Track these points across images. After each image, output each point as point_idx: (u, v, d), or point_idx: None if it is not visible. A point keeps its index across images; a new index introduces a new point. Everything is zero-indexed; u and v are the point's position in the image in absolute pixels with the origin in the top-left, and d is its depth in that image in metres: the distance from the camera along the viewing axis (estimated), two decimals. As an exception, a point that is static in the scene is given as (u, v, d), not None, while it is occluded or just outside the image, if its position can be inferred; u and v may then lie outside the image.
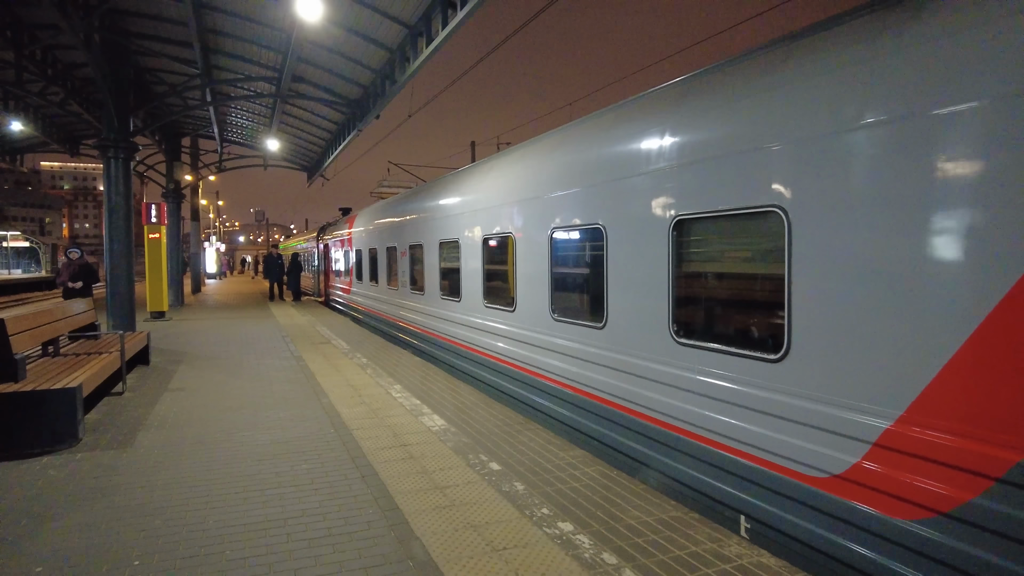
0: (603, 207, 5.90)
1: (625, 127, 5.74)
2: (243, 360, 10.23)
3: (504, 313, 8.06)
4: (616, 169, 5.69)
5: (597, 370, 5.95)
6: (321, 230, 25.77)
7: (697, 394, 4.72)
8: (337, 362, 10.03)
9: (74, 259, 11.79)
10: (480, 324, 8.86)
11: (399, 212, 13.53)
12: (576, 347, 6.33)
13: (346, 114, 15.61)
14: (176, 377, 8.78)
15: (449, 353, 10.13)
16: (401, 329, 13.30)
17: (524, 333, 7.48)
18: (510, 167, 8.13)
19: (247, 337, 13.17)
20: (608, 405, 5.73)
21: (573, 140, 6.69)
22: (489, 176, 8.85)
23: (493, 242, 8.62)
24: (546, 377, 6.88)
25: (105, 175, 11.74)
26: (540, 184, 7.10)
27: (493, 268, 8.80)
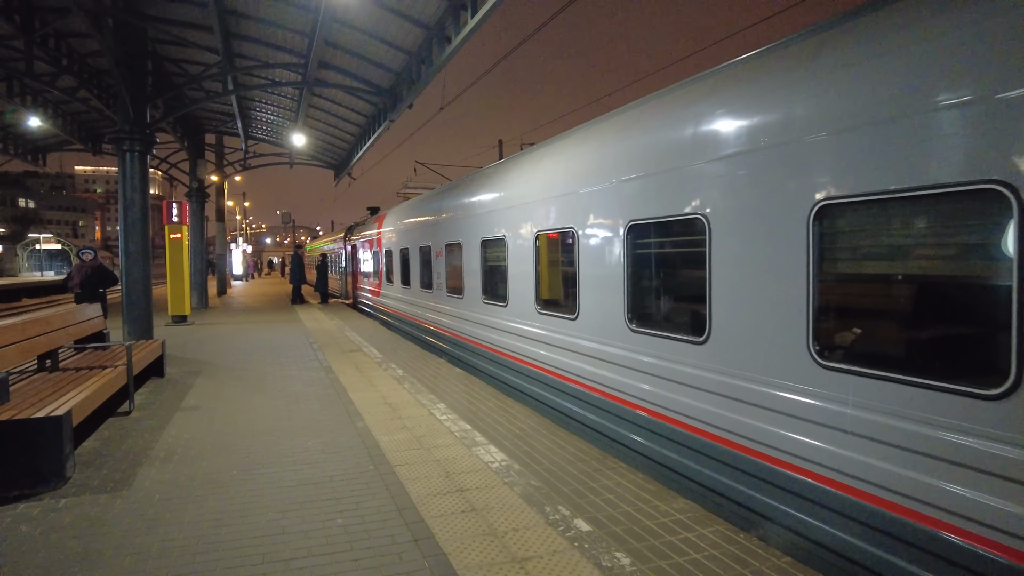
0: (705, 193, 4.73)
1: (735, 91, 4.57)
2: (267, 371, 9.26)
3: (563, 321, 6.92)
4: (723, 145, 4.51)
5: (697, 396, 4.76)
6: (348, 230, 24.91)
7: (851, 434, 3.53)
8: (370, 374, 8.99)
9: (87, 260, 10.96)
10: (532, 333, 7.73)
11: (433, 210, 12.48)
12: (665, 366, 5.15)
13: (376, 105, 14.62)
14: (192, 392, 7.81)
15: (494, 365, 9.02)
16: (436, 335, 12.24)
17: (591, 346, 6.32)
18: (571, 152, 6.99)
19: (272, 343, 12.23)
20: (718, 442, 4.53)
21: (657, 114, 5.53)
22: (541, 165, 7.72)
23: (548, 239, 7.49)
24: (624, 401, 5.71)
25: (120, 170, 10.88)
26: (612, 168, 5.94)
27: (549, 269, 7.67)
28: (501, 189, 8.94)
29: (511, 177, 8.66)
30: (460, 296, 10.73)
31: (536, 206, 7.63)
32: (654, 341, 5.33)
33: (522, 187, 8.16)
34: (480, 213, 9.68)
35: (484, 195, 9.64)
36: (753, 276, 4.28)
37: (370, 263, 20.08)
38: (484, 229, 9.48)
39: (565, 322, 6.89)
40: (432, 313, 12.60)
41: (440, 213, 11.91)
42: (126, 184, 10.86)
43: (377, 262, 18.81)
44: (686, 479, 4.81)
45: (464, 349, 10.44)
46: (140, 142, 10.86)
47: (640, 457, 5.38)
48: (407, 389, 7.91)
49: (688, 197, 4.86)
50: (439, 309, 12.06)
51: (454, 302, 11.05)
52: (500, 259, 9.09)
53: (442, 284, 11.88)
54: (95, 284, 10.89)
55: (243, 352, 11.19)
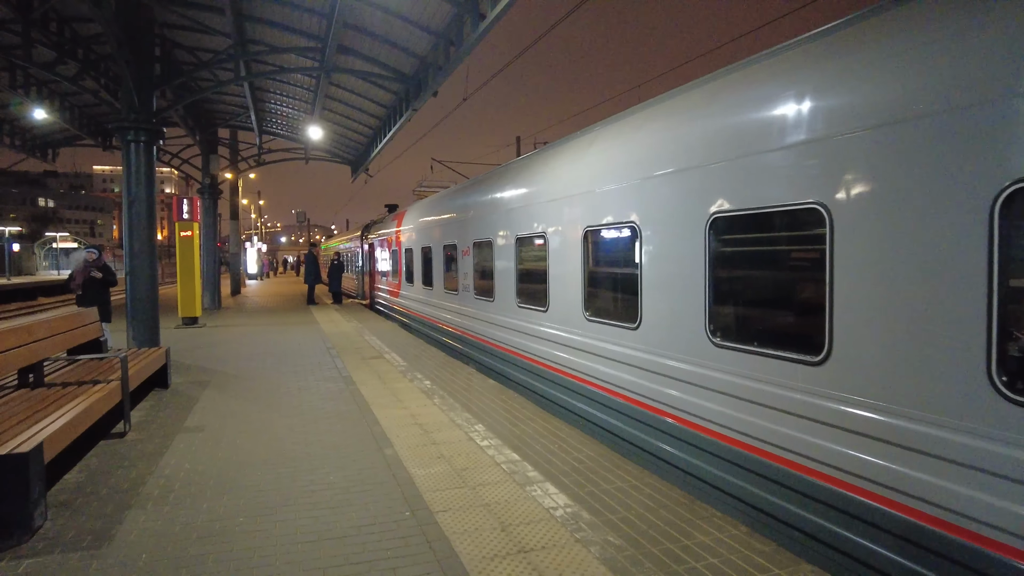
0: (822, 178, 3.76)
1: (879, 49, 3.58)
2: (281, 381, 8.39)
3: (620, 331, 5.96)
4: (849, 118, 3.54)
5: (818, 432, 3.78)
6: (365, 229, 24.08)
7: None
8: (395, 385, 8.08)
9: (91, 260, 10.16)
10: (579, 343, 6.78)
11: (459, 205, 11.56)
12: (764, 391, 4.17)
13: (397, 94, 13.73)
14: (197, 408, 6.95)
15: (533, 377, 8.07)
16: (463, 340, 11.32)
17: (657, 361, 5.36)
18: (631, 134, 6.02)
19: (287, 348, 11.39)
20: (859, 495, 3.53)
21: (759, 81, 4.56)
22: (591, 152, 6.77)
23: (601, 236, 6.54)
24: (709, 432, 4.71)
25: (124, 162, 10.07)
26: (690, 151, 4.98)
27: (601, 270, 6.72)
28: (540, 181, 8.00)
29: (552, 167, 7.72)
30: (490, 299, 9.81)
31: (584, 198, 6.68)
32: (746, 359, 4.35)
33: (566, 177, 7.21)
34: (514, 208, 8.75)
35: (519, 188, 8.71)
36: (890, 280, 3.31)
37: (388, 262, 19.22)
38: (519, 225, 8.55)
39: (623, 332, 5.93)
40: (457, 316, 11.69)
41: (467, 209, 10.99)
42: (131, 177, 10.05)
43: (396, 261, 17.94)
44: (815, 540, 3.78)
45: (496, 357, 9.51)
46: (146, 131, 10.04)
47: (742, 505, 4.37)
48: (438, 405, 7.00)
49: (804, 183, 3.88)
50: (466, 312, 11.14)
51: (483, 306, 10.13)
52: (538, 259, 8.15)
53: (469, 285, 10.96)
54: (99, 285, 10.10)
55: (256, 358, 10.35)
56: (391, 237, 18.51)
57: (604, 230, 6.38)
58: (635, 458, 5.51)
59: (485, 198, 10.07)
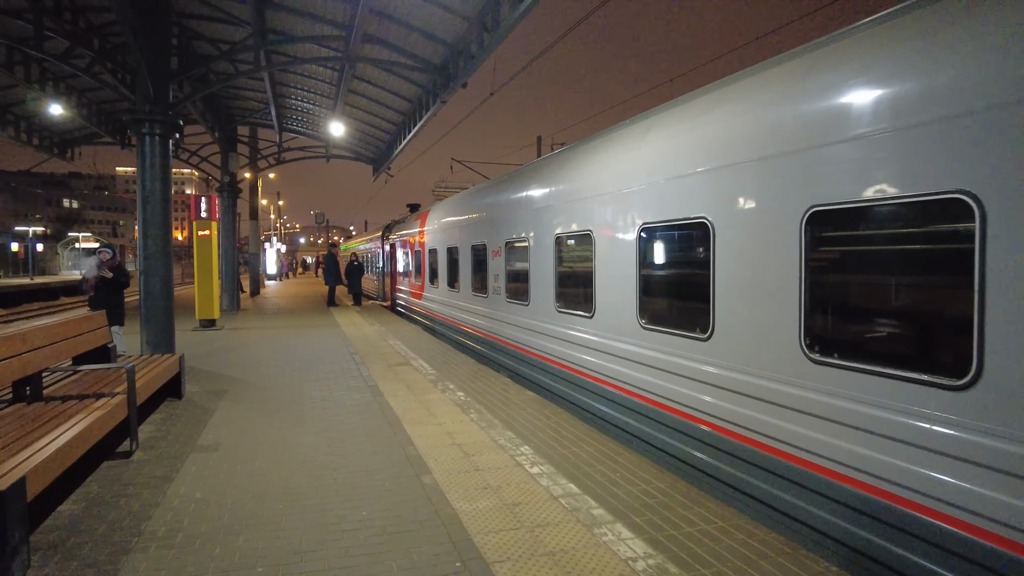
0: (970, 161, 3.03)
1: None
2: (303, 392, 7.77)
3: (688, 343, 5.24)
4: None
5: (959, 472, 3.03)
6: (387, 229, 23.54)
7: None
8: (426, 397, 7.43)
9: (104, 260, 9.64)
10: (634, 354, 6.06)
11: (490, 204, 10.89)
12: (886, 420, 3.43)
13: (423, 86, 13.10)
14: (212, 422, 6.35)
15: (578, 390, 7.35)
16: (493, 346, 10.64)
17: (737, 378, 4.63)
18: (704, 118, 5.30)
19: (308, 353, 10.80)
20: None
21: (844, 54, 3.82)
22: (648, 140, 6.05)
23: (662, 234, 5.83)
24: (809, 465, 3.98)
25: (139, 157, 9.55)
26: (782, 135, 4.25)
27: (661, 273, 6.01)
28: (584, 175, 7.30)
29: (598, 159, 7.01)
30: (524, 303, 9.13)
31: (641, 192, 5.96)
32: (857, 380, 3.62)
33: (616, 170, 6.50)
34: (553, 205, 8.06)
35: (558, 184, 8.02)
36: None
37: (411, 263, 18.62)
38: (559, 223, 7.85)
39: (689, 344, 5.21)
40: (487, 320, 11.02)
41: (498, 207, 10.32)
42: (145, 173, 9.51)
43: (419, 262, 17.34)
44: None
45: (532, 366, 8.81)
46: (161, 124, 9.50)
47: (867, 561, 3.60)
48: (476, 421, 6.32)
49: (954, 167, 3.14)
50: (497, 317, 10.47)
51: (517, 310, 9.44)
52: (582, 259, 7.46)
53: (500, 288, 10.29)
54: (111, 286, 9.57)
55: (276, 364, 9.76)
56: (414, 237, 17.91)
57: (666, 227, 5.66)
58: (716, 493, 4.77)
59: (519, 195, 9.39)
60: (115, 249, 9.78)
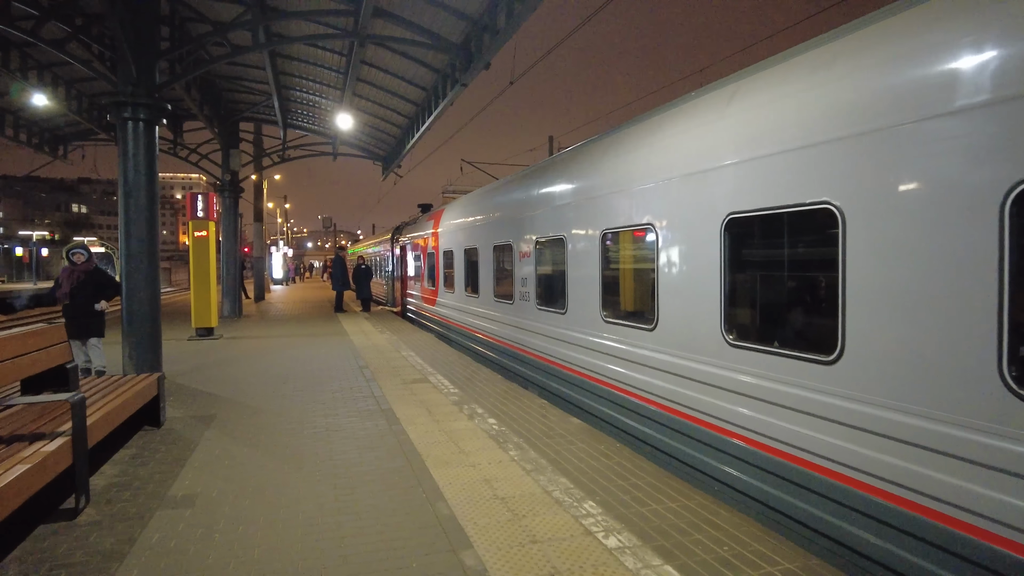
0: None
1: None
2: (304, 416, 6.57)
3: (800, 367, 3.99)
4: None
5: None
6: (396, 230, 22.35)
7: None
8: (451, 425, 6.20)
9: (79, 263, 8.47)
10: (720, 378, 4.80)
11: (515, 201, 9.67)
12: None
13: (440, 71, 11.89)
14: (193, 461, 5.14)
15: (642, 421, 6.05)
16: (521, 360, 9.39)
17: (886, 418, 3.38)
18: (824, 74, 4.06)
19: (313, 368, 9.60)
20: None
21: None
22: (734, 111, 4.82)
23: (762, 226, 4.59)
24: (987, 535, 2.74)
25: (120, 145, 8.39)
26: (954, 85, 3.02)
27: (761, 276, 4.77)
28: (639, 160, 6.07)
29: (660, 140, 5.78)
30: (560, 311, 7.89)
31: (726, 175, 4.73)
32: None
33: (687, 150, 5.26)
34: (599, 196, 6.83)
35: (604, 173, 6.79)
36: None
37: (423, 267, 17.42)
38: (607, 218, 6.63)
39: (806, 368, 3.96)
40: (513, 330, 9.78)
41: (527, 203, 9.10)
42: (127, 164, 8.35)
43: (432, 265, 16.12)
44: None
45: (572, 386, 7.56)
46: (145, 109, 8.34)
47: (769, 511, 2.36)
48: (518, 462, 5.08)
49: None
50: (525, 326, 9.23)
51: (551, 319, 8.20)
52: (639, 260, 6.24)
53: (529, 293, 9.06)
54: (90, 294, 8.40)
55: (276, 381, 8.56)
56: (426, 239, 16.72)
57: (763, 216, 4.41)
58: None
59: (553, 188, 8.17)
60: (90, 251, 8.60)
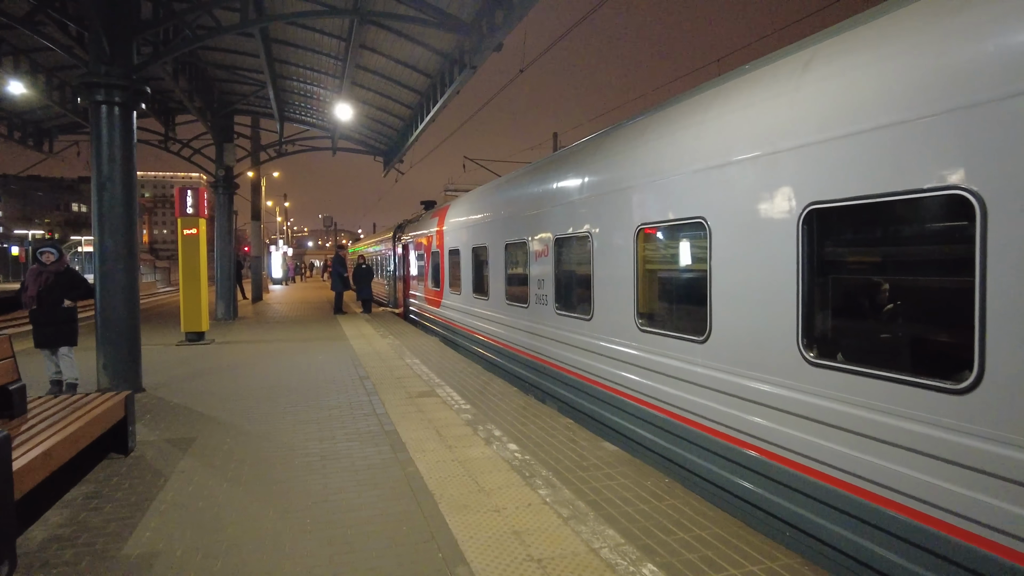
0: None
1: None
2: (296, 441, 5.71)
3: (916, 395, 3.14)
4: None
5: None
6: (398, 229, 21.47)
7: None
8: (467, 452, 5.33)
9: (48, 264, 7.62)
10: (794, 403, 3.92)
11: (531, 196, 8.79)
12: None
13: (447, 55, 11.03)
14: (158, 504, 4.28)
15: (695, 450, 5.14)
16: (539, 371, 8.52)
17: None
18: (924, 32, 3.19)
19: (309, 378, 8.74)
20: None
21: None
22: (811, 79, 3.96)
23: (852, 218, 3.73)
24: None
25: (93, 131, 7.53)
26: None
27: (847, 279, 3.91)
28: (686, 141, 5.20)
29: (715, 116, 4.91)
30: (584, 316, 7.02)
31: (803, 156, 3.86)
32: None
33: (757, 126, 4.40)
34: (636, 186, 5.97)
35: (641, 159, 5.92)
36: None
37: (427, 267, 16.55)
38: (644, 210, 5.77)
39: (925, 399, 3.10)
40: (528, 337, 8.92)
41: (544, 197, 8.23)
42: (101, 152, 7.50)
43: (437, 265, 15.26)
44: None
45: (601, 403, 6.68)
46: (121, 91, 7.49)
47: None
48: (551, 505, 4.21)
49: None
50: (541, 332, 8.37)
51: (574, 326, 7.33)
52: (685, 259, 5.38)
53: (547, 296, 8.20)
54: (59, 298, 7.55)
55: (267, 394, 7.70)
56: (430, 237, 15.85)
57: (858, 206, 3.53)
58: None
59: (576, 180, 7.30)
60: (60, 250, 7.74)
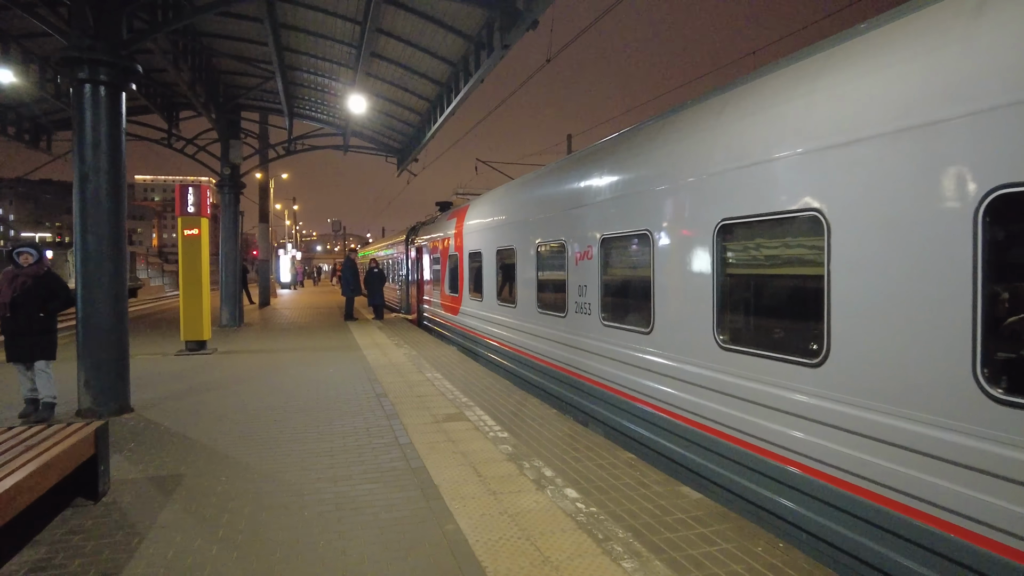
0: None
1: None
2: (305, 485, 4.69)
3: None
4: None
5: None
6: (411, 231, 20.50)
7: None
8: (517, 502, 4.29)
9: (26, 267, 6.66)
10: (974, 455, 2.87)
11: (570, 193, 7.76)
12: None
13: (471, 38, 10.05)
14: (128, 574, 3.28)
15: (803, 502, 4.10)
16: (579, 389, 7.47)
17: None
18: None
19: (319, 395, 7.74)
20: None
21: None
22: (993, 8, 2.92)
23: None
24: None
25: (75, 114, 6.58)
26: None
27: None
28: (798, 113, 4.17)
29: (836, 82, 3.88)
30: (641, 329, 5.98)
31: (992, 124, 2.82)
32: None
33: (904, 90, 3.36)
34: (712, 175, 4.94)
35: (723, 144, 4.89)
36: None
37: (444, 271, 15.55)
38: (729, 202, 4.73)
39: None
40: (564, 350, 7.87)
41: (584, 194, 7.21)
42: (84, 138, 6.54)
43: (455, 269, 14.26)
44: None
45: (672, 436, 5.60)
46: (107, 68, 6.54)
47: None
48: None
49: None
50: (583, 346, 7.32)
51: (626, 340, 6.28)
52: (791, 263, 4.35)
53: (591, 305, 7.16)
54: (38, 306, 6.59)
55: (271, 417, 6.69)
56: (447, 239, 14.85)
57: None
58: None
59: (630, 173, 6.27)
60: (40, 251, 6.78)
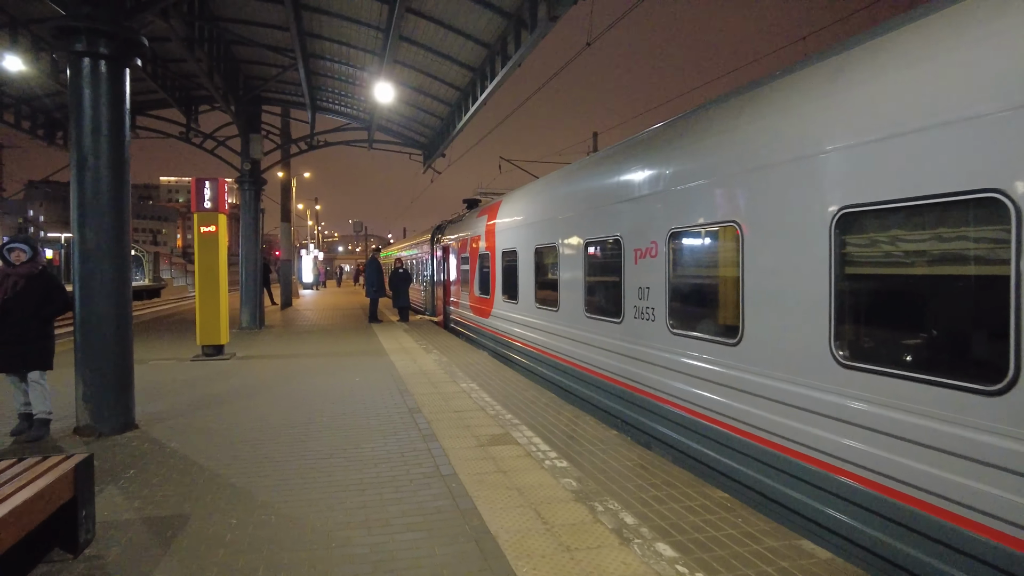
0: None
1: None
2: (333, 531, 3.82)
3: None
4: None
5: None
6: (437, 230, 19.69)
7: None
8: (600, 562, 3.36)
9: (17, 265, 5.91)
10: None
11: (623, 183, 6.83)
12: None
13: (510, 14, 9.16)
14: None
15: (961, 564, 3.13)
16: (638, 405, 6.52)
17: None
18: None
19: (345, 411, 6.89)
20: None
21: None
22: None
23: None
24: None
25: (71, 94, 5.81)
26: None
27: None
28: (948, 73, 3.20)
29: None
30: (728, 340, 5.01)
31: None
32: None
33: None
34: (824, 153, 3.98)
35: (838, 115, 3.94)
36: None
37: (473, 271, 14.68)
38: (850, 187, 3.78)
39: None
40: (621, 360, 6.93)
41: (645, 183, 6.27)
42: (83, 120, 5.77)
43: (486, 269, 13.38)
44: None
45: (775, 472, 4.63)
46: (108, 40, 5.77)
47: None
48: None
49: None
50: (644, 357, 6.38)
51: (704, 351, 5.32)
52: (946, 260, 3.38)
53: (654, 310, 6.22)
54: (32, 309, 5.83)
55: (292, 438, 5.85)
56: (477, 238, 13.98)
57: None
58: None
59: (709, 159, 5.32)
60: (34, 248, 6.01)
